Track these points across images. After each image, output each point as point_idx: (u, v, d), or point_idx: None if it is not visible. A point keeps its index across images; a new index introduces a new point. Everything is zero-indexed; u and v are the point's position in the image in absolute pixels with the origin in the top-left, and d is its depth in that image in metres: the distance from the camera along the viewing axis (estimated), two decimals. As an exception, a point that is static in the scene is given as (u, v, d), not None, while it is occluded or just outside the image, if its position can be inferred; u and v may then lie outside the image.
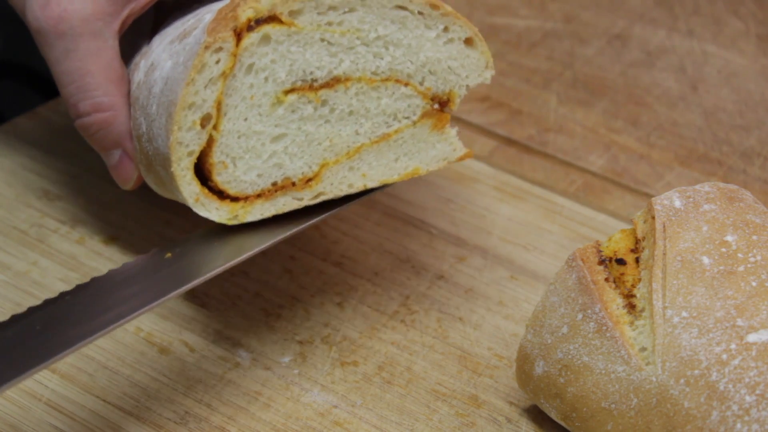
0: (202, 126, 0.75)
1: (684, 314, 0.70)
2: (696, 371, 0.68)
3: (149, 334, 0.83)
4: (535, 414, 0.78)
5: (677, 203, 0.75)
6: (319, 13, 0.76)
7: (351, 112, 0.79)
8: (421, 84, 0.80)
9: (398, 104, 0.80)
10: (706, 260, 0.72)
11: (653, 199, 0.76)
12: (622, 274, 0.74)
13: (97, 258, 0.89)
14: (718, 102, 1.08)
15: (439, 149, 0.82)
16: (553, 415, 0.75)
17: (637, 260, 0.74)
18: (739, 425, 0.67)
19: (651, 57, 1.14)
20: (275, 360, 0.82)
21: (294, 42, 0.76)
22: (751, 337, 0.69)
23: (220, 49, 0.74)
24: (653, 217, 0.74)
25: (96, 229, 0.91)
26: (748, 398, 0.67)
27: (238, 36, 0.74)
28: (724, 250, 0.72)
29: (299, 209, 0.79)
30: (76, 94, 0.81)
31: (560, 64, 1.13)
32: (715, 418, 0.67)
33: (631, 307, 0.72)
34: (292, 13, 0.75)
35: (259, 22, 0.75)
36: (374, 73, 0.79)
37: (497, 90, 1.09)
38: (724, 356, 0.68)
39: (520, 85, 1.10)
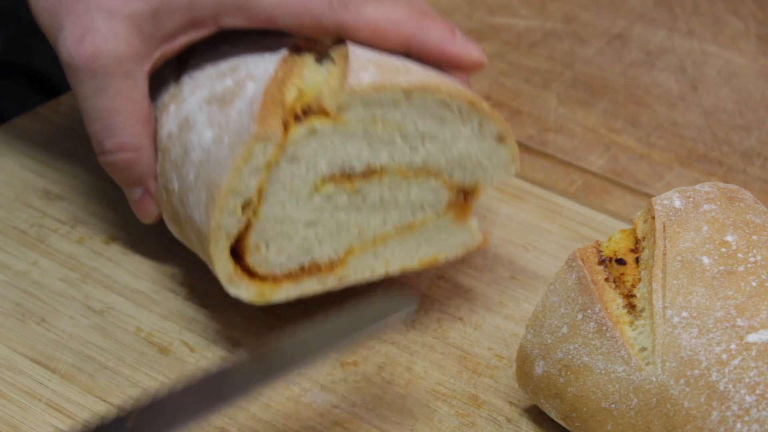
0: (243, 211, 0.75)
1: (684, 314, 0.70)
2: (696, 371, 0.68)
3: (149, 334, 0.83)
4: (535, 414, 0.78)
5: (677, 203, 0.75)
6: (365, 108, 0.75)
7: (382, 202, 0.79)
8: (450, 177, 0.80)
9: (426, 195, 0.80)
10: (706, 260, 0.72)
11: (653, 199, 0.76)
12: (622, 274, 0.74)
13: (97, 258, 0.89)
14: (718, 102, 1.08)
15: (459, 238, 0.82)
16: (553, 415, 0.75)
17: (637, 260, 0.74)
18: (739, 425, 0.67)
19: (651, 57, 1.14)
20: (275, 360, 0.82)
21: (338, 135, 0.76)
22: (751, 337, 0.68)
23: (268, 138, 0.74)
24: (653, 217, 0.74)
25: (96, 229, 0.91)
26: (748, 398, 0.67)
27: (285, 125, 0.75)
28: (724, 250, 0.72)
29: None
30: (103, 132, 0.81)
31: (560, 64, 1.12)
32: (715, 418, 0.67)
33: (631, 307, 0.72)
34: (340, 108, 0.75)
35: (306, 113, 0.75)
36: (408, 166, 0.79)
37: (497, 90, 1.09)
38: (724, 356, 0.68)
39: (520, 85, 1.09)
